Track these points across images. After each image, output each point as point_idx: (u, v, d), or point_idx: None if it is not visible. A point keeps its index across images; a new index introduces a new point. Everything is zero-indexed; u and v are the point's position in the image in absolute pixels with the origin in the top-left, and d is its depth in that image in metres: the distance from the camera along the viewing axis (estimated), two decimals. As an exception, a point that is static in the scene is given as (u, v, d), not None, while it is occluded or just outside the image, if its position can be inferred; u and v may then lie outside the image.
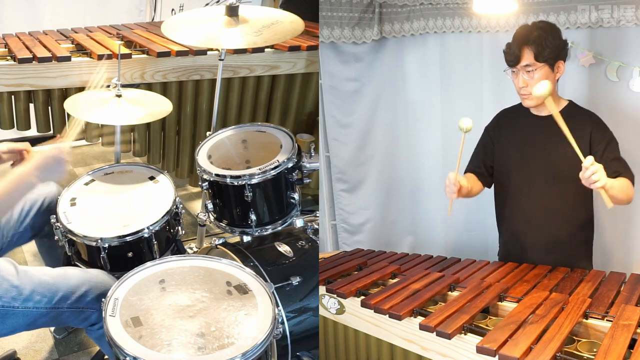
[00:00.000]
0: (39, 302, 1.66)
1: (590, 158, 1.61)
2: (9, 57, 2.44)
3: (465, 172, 2.11)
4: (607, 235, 2.42)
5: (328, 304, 1.76)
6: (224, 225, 2.14)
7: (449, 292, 1.74)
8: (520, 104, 1.95)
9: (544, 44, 1.78)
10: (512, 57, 1.83)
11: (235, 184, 2.02)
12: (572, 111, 1.90)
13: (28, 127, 2.62)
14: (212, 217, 2.18)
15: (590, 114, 1.91)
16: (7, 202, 1.66)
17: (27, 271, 1.70)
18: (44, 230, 2.07)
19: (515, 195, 2.00)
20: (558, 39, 1.83)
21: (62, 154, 1.73)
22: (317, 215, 2.28)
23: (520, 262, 1.97)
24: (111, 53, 2.53)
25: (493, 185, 2.09)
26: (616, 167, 1.80)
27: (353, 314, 1.69)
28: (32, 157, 1.71)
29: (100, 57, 2.50)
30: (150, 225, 1.90)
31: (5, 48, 2.55)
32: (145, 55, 2.63)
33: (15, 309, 1.64)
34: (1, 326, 1.65)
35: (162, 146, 2.89)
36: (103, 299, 1.55)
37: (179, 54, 2.62)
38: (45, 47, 2.57)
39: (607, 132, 1.86)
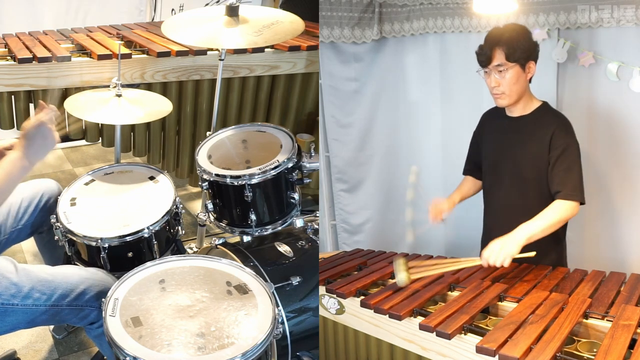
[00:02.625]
0: (39, 299, 1.66)
1: (485, 257, 1.74)
2: (9, 57, 2.44)
3: (464, 173, 2.22)
4: (607, 236, 2.42)
5: (328, 304, 1.76)
6: (224, 225, 2.14)
7: (449, 292, 1.74)
8: None
9: (515, 44, 1.83)
10: (484, 58, 1.88)
11: (235, 184, 2.02)
12: (542, 113, 1.94)
13: (28, 127, 2.62)
14: (212, 217, 2.18)
15: (557, 116, 1.92)
16: (2, 191, 1.61)
17: (26, 269, 1.70)
18: (43, 227, 2.07)
19: (488, 194, 2.07)
20: (528, 41, 1.87)
21: (43, 123, 1.65)
22: (317, 215, 2.29)
23: None
24: (111, 53, 2.53)
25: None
26: (560, 180, 1.81)
27: (353, 314, 1.69)
28: (17, 141, 1.66)
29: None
30: (150, 225, 1.90)
31: (5, 48, 2.55)
32: (145, 55, 2.63)
33: (15, 307, 1.64)
34: (0, 324, 1.65)
35: (162, 146, 2.89)
36: (103, 299, 1.55)
37: (179, 54, 2.62)
38: (45, 47, 2.57)
39: (568, 136, 1.86)
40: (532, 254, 1.74)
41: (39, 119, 1.66)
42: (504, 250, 1.71)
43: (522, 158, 1.91)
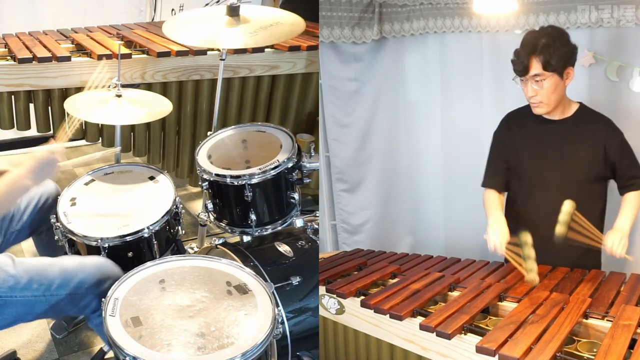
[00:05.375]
0: (37, 290, 1.66)
1: (610, 241, 1.77)
2: (9, 57, 2.44)
3: (486, 186, 2.04)
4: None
5: (328, 304, 1.76)
6: (224, 225, 2.14)
7: (449, 292, 1.74)
8: (527, 105, 1.92)
9: (552, 52, 1.75)
10: (521, 67, 1.80)
11: (235, 183, 2.02)
12: (584, 115, 1.91)
13: (28, 127, 2.62)
14: (212, 217, 2.18)
15: (602, 118, 1.91)
16: (2, 205, 1.68)
17: (23, 261, 1.71)
18: (41, 228, 2.07)
19: (527, 199, 1.98)
20: (566, 45, 1.80)
21: (53, 155, 1.74)
22: (317, 215, 2.28)
23: None
24: (111, 53, 2.53)
25: None
26: (632, 174, 1.89)
27: (353, 314, 1.69)
28: (25, 160, 1.72)
29: (100, 57, 2.51)
30: (150, 225, 1.90)
31: (5, 48, 2.55)
32: (145, 55, 2.63)
33: (14, 299, 1.64)
34: (0, 317, 1.65)
35: (162, 146, 2.89)
36: (103, 299, 1.55)
37: (179, 54, 2.62)
38: (45, 47, 2.57)
39: (619, 135, 1.89)
40: (631, 259, 1.82)
41: (52, 148, 1.75)
42: (623, 242, 1.77)
43: (572, 161, 1.88)
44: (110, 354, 1.98)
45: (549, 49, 1.76)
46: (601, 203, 1.96)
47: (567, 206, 1.74)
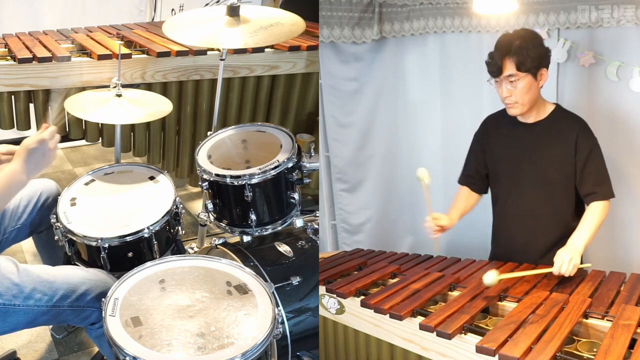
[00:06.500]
0: (40, 300, 1.66)
1: (557, 266, 1.72)
2: (9, 57, 2.44)
3: (460, 183, 2.15)
4: (607, 235, 2.42)
5: (328, 304, 1.76)
6: (224, 225, 2.14)
7: (449, 292, 1.74)
8: (505, 109, 1.95)
9: (525, 53, 1.79)
10: (495, 68, 1.83)
11: (235, 183, 2.02)
12: (558, 116, 1.93)
13: (28, 127, 2.62)
14: (212, 217, 2.18)
15: (576, 118, 1.93)
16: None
17: (27, 269, 1.70)
18: (41, 227, 2.07)
19: (505, 201, 2.02)
20: (540, 47, 1.83)
21: (44, 143, 1.67)
22: (317, 215, 2.28)
23: None
24: (111, 53, 2.53)
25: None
26: (593, 182, 1.85)
27: (353, 314, 1.69)
28: (16, 154, 1.67)
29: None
30: (150, 225, 1.90)
31: (5, 48, 2.55)
32: (145, 55, 2.63)
33: (16, 307, 1.64)
34: (2, 324, 1.65)
35: (162, 146, 2.89)
36: (103, 299, 1.55)
37: (179, 54, 2.62)
38: (45, 47, 2.56)
39: (591, 137, 1.88)
40: (589, 265, 1.80)
41: (42, 137, 1.68)
42: (574, 261, 1.72)
43: (546, 162, 1.89)
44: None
45: (522, 51, 1.79)
46: (577, 202, 1.94)
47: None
